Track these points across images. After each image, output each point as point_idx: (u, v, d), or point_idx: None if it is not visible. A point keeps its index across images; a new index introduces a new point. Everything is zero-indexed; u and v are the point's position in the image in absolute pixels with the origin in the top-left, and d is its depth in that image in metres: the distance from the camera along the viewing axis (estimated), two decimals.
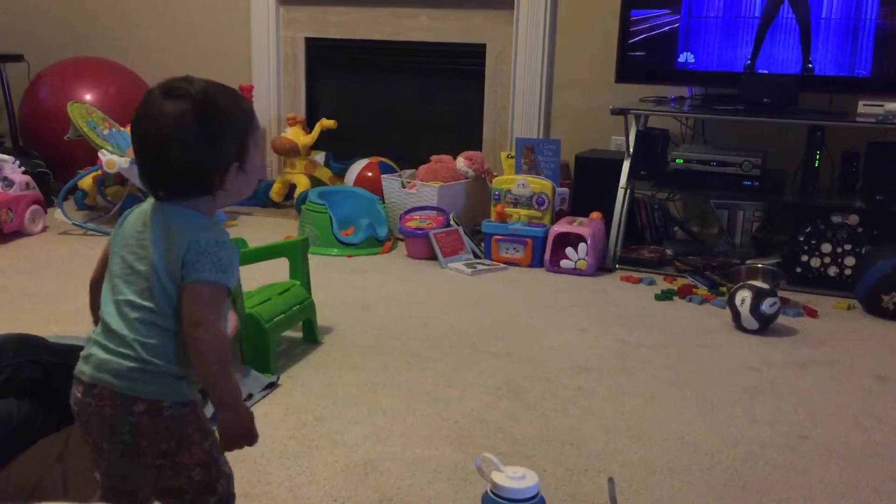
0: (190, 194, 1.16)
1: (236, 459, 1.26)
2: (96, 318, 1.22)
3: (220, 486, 1.21)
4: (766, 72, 3.18)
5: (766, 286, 2.57)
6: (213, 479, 1.20)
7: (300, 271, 2.40)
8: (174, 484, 1.18)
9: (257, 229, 3.62)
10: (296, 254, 2.41)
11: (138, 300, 1.14)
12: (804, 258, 2.96)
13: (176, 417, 1.15)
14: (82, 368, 1.17)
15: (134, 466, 1.18)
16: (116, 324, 1.14)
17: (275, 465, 1.69)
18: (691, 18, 3.25)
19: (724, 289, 2.85)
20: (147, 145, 1.15)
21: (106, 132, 3.59)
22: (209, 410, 1.22)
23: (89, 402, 1.15)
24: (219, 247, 1.14)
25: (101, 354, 1.15)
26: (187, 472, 1.17)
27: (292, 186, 4.01)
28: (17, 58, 4.36)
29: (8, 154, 3.63)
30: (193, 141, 1.12)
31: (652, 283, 3.03)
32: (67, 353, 1.70)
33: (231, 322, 1.83)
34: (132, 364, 1.13)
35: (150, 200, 1.20)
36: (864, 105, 3.02)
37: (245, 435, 1.17)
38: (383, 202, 3.60)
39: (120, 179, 3.67)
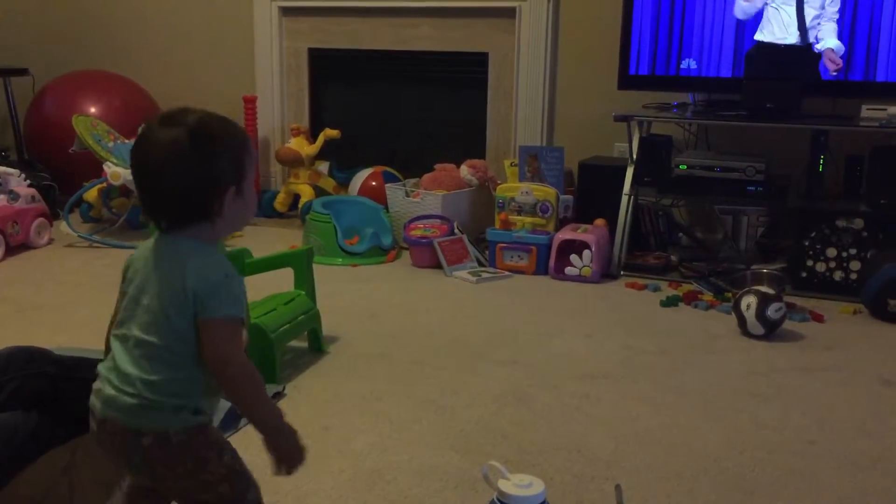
0: (190, 221, 1.17)
1: None
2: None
3: (251, 496, 1.23)
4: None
5: (771, 291, 2.56)
6: (241, 491, 1.22)
7: (305, 281, 2.40)
8: (204, 498, 1.20)
9: (262, 240, 3.62)
10: (300, 263, 2.41)
11: (142, 335, 1.16)
12: (809, 263, 2.96)
13: (184, 442, 1.17)
14: (94, 402, 1.20)
15: (161, 489, 1.22)
16: (121, 360, 1.17)
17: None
18: (693, 24, 3.25)
19: (729, 294, 2.84)
20: (145, 172, 1.17)
21: (111, 144, 3.61)
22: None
23: (102, 436, 1.19)
24: (229, 279, 1.16)
25: (108, 391, 1.18)
26: (214, 489, 1.19)
27: (296, 197, 4.02)
28: (22, 71, 4.38)
29: (13, 167, 3.64)
30: (189, 165, 1.14)
31: (657, 289, 3.03)
32: (74, 366, 1.70)
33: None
34: (134, 401, 1.15)
35: (154, 236, 1.21)
36: (868, 109, 3.02)
37: (295, 453, 1.20)
38: (387, 211, 3.60)
39: (125, 191, 3.68)
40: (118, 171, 3.43)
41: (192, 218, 1.17)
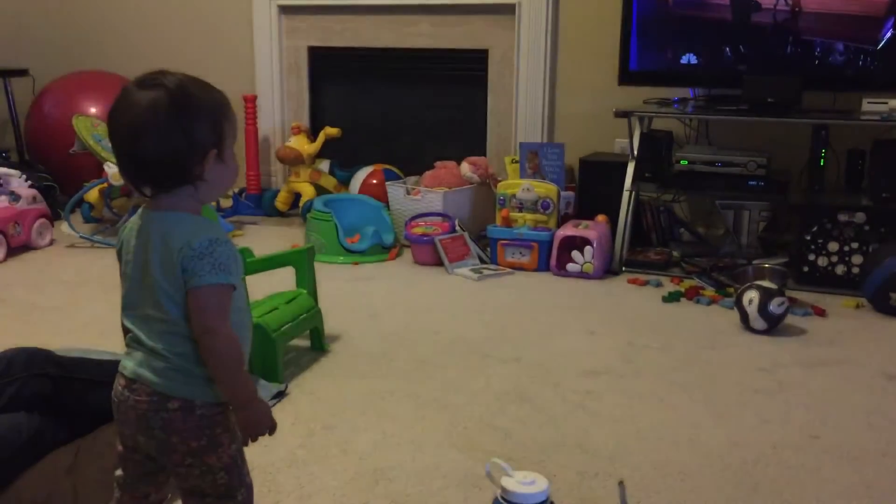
0: (170, 185, 1.16)
1: None
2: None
3: (241, 495, 1.22)
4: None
5: (773, 286, 2.56)
6: (235, 486, 1.21)
7: (307, 280, 2.40)
8: (199, 484, 1.20)
9: (263, 239, 3.62)
10: (302, 262, 2.41)
11: (154, 312, 1.16)
12: (811, 257, 2.95)
13: (207, 417, 1.17)
14: (125, 363, 1.19)
15: (164, 463, 1.21)
16: (146, 338, 1.17)
17: (284, 474, 1.69)
18: (693, 19, 3.24)
19: (731, 290, 2.84)
20: (123, 136, 1.15)
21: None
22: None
23: (128, 395, 1.18)
24: (213, 245, 1.14)
25: (139, 355, 1.18)
26: (212, 475, 1.19)
27: (297, 195, 4.02)
28: (23, 72, 4.39)
29: (14, 168, 3.65)
30: (168, 127, 1.12)
31: (659, 285, 3.03)
32: (76, 366, 1.70)
33: None
34: (167, 364, 1.16)
35: (140, 213, 1.20)
36: (869, 103, 3.01)
37: (265, 426, 1.20)
38: (388, 209, 3.60)
39: (126, 191, 3.68)
40: (119, 172, 3.43)
41: (174, 183, 1.15)
